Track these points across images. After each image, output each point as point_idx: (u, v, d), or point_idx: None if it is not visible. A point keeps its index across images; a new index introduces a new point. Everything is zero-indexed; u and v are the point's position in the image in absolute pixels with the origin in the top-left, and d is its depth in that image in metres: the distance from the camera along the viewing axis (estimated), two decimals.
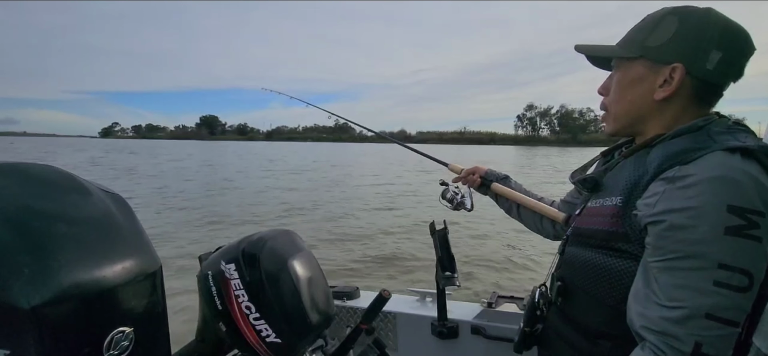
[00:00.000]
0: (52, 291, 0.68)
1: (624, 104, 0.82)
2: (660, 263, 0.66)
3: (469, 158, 34.81)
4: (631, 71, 0.80)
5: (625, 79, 0.81)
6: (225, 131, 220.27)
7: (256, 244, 1.14)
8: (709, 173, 0.64)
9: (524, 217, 1.30)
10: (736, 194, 0.61)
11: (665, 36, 0.76)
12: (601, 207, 0.81)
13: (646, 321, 0.66)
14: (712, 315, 0.61)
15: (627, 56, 0.80)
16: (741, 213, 0.60)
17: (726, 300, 0.61)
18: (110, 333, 0.76)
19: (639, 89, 0.79)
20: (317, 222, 8.62)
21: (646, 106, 0.79)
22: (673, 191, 0.66)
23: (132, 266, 0.83)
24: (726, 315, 0.61)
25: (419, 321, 1.54)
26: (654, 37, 0.77)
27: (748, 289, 0.61)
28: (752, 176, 0.63)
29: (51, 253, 0.72)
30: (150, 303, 0.87)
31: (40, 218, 0.75)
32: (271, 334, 1.08)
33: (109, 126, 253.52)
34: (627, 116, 0.82)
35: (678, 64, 0.75)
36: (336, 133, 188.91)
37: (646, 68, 0.78)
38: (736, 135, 0.71)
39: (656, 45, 0.77)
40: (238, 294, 1.08)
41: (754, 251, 0.61)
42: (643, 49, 0.78)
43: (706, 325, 0.61)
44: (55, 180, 0.85)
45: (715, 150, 0.66)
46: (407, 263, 5.70)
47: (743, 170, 0.63)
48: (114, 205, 0.89)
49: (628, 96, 0.81)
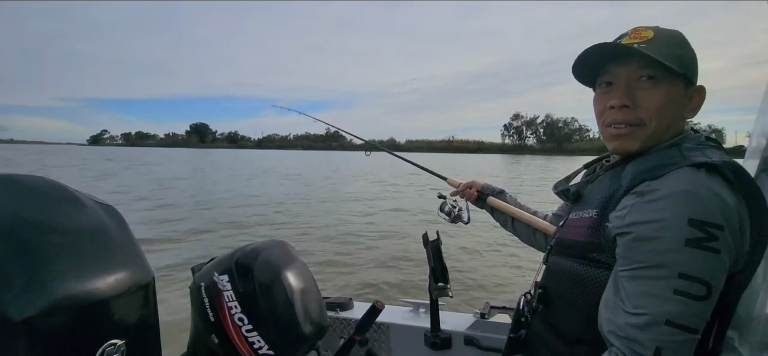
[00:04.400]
0: (44, 302, 0.68)
1: (666, 120, 0.78)
2: (627, 273, 0.69)
3: (455, 166, 34.98)
4: (674, 87, 0.77)
5: (670, 95, 0.77)
6: (215, 139, 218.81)
7: (249, 255, 1.13)
8: (674, 188, 0.67)
9: (518, 230, 1.33)
10: (698, 208, 0.64)
11: (691, 57, 0.78)
12: (580, 219, 0.84)
13: (614, 326, 0.69)
14: (672, 321, 0.64)
15: (676, 70, 0.75)
16: (701, 226, 0.63)
17: (685, 307, 0.63)
18: (102, 346, 0.75)
19: (678, 106, 0.79)
20: (310, 233, 8.58)
21: (677, 125, 0.80)
22: (641, 204, 0.69)
23: (124, 277, 0.82)
24: (685, 321, 0.64)
25: (412, 332, 1.54)
26: (684, 54, 0.77)
27: (706, 298, 0.64)
28: (714, 191, 0.65)
29: (43, 264, 0.71)
30: (142, 315, 0.86)
31: (31, 230, 0.74)
32: (264, 346, 1.07)
33: (98, 133, 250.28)
34: (662, 133, 0.79)
35: (701, 86, 0.79)
36: (327, 141, 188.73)
37: (683, 86, 0.78)
38: (705, 151, 0.73)
39: (689, 64, 0.78)
40: (231, 305, 1.08)
41: (713, 263, 0.64)
42: (684, 66, 0.77)
43: (667, 331, 0.64)
44: (47, 191, 0.84)
45: (682, 166, 0.69)
46: (400, 275, 5.70)
47: (706, 185, 0.66)
48: (107, 216, 0.89)
49: (670, 112, 0.78)
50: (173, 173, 24.78)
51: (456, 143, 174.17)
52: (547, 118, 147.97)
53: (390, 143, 32.28)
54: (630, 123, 0.79)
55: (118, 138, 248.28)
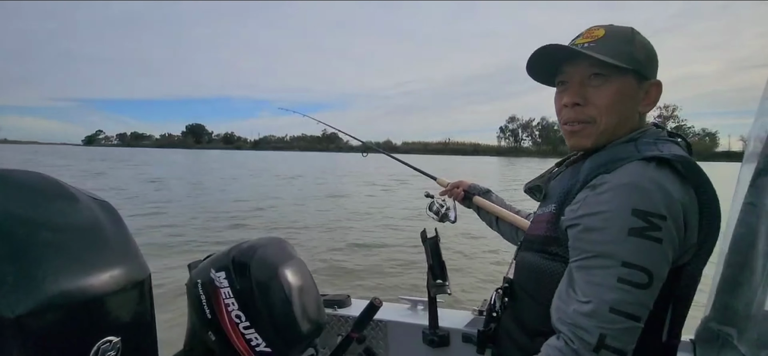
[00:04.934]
0: (37, 299, 0.67)
1: (615, 116, 0.80)
2: (576, 263, 0.71)
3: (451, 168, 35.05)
4: (624, 83, 0.79)
5: (620, 91, 0.79)
6: (211, 140, 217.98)
7: (246, 252, 1.12)
8: (621, 180, 0.69)
9: (502, 229, 1.35)
10: (641, 199, 0.66)
11: (644, 52, 0.79)
12: (542, 214, 0.86)
13: (562, 314, 0.71)
14: (616, 309, 0.65)
15: (624, 67, 0.77)
16: (644, 216, 0.65)
17: (628, 295, 0.65)
18: (97, 343, 0.74)
19: (630, 101, 0.80)
20: (308, 230, 8.56)
21: (631, 119, 0.81)
22: (591, 197, 0.72)
23: (120, 274, 0.81)
24: (628, 309, 0.66)
25: (410, 330, 1.54)
26: (637, 51, 0.79)
27: (648, 286, 0.66)
28: (659, 184, 0.67)
29: (36, 261, 0.70)
30: (138, 312, 0.85)
31: (24, 226, 0.73)
32: (261, 343, 1.06)
33: (93, 134, 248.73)
34: (614, 129, 0.81)
35: (659, 80, 0.81)
36: (323, 143, 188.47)
37: (635, 81, 0.79)
38: (661, 145, 0.75)
39: (641, 59, 0.79)
40: (228, 302, 1.07)
41: (655, 252, 0.66)
42: (634, 62, 0.78)
43: (610, 319, 0.66)
44: (41, 187, 0.82)
45: (633, 160, 0.71)
46: (399, 272, 5.69)
47: (652, 178, 0.68)
48: (102, 212, 0.87)
49: (621, 108, 0.80)
50: (169, 173, 24.68)
51: (452, 145, 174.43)
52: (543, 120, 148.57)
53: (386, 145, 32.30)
54: (581, 120, 0.82)
55: (114, 139, 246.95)
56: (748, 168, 1.21)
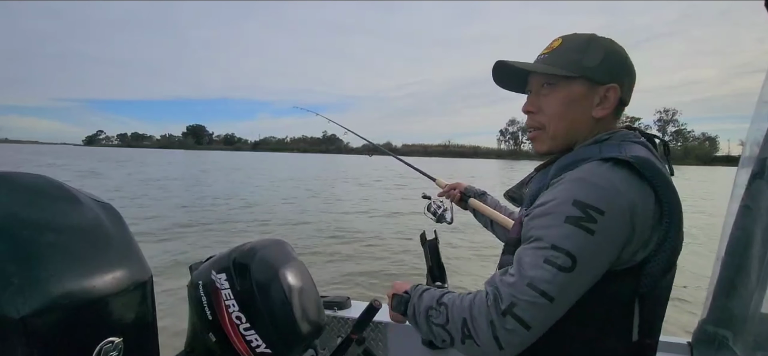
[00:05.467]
0: (41, 300, 0.67)
1: (565, 122, 0.84)
2: (522, 246, 0.76)
3: (451, 171, 35.03)
4: (572, 90, 0.83)
5: (567, 98, 0.83)
6: (212, 141, 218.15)
7: (247, 254, 1.13)
8: (573, 175, 0.74)
9: (496, 231, 1.38)
10: (585, 191, 0.70)
11: (598, 58, 0.82)
12: (517, 217, 0.91)
13: (492, 278, 0.77)
14: (532, 284, 0.69)
15: (569, 75, 0.82)
16: (582, 207, 0.69)
17: (548, 274, 0.69)
18: (99, 344, 0.75)
19: (579, 107, 0.83)
20: (308, 232, 8.57)
21: (585, 123, 0.84)
22: (547, 191, 0.77)
23: (122, 276, 0.82)
24: (542, 287, 0.69)
25: (410, 331, 1.54)
26: (588, 58, 0.82)
27: (570, 270, 0.68)
28: (609, 180, 0.70)
29: (40, 263, 0.71)
30: (140, 313, 0.86)
31: (28, 228, 0.74)
32: (262, 345, 1.07)
33: (94, 134, 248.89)
34: (566, 134, 0.85)
35: (614, 84, 0.82)
36: (323, 144, 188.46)
37: (585, 88, 0.82)
38: (625, 146, 0.77)
39: (592, 66, 0.81)
40: (229, 303, 1.07)
41: (584, 241, 0.68)
42: (582, 69, 0.81)
43: (524, 291, 0.69)
44: (44, 189, 0.83)
45: (594, 160, 0.74)
46: (399, 274, 5.70)
47: (602, 175, 0.71)
48: (104, 214, 0.88)
49: (569, 115, 0.84)
50: (169, 174, 24.69)
51: (452, 148, 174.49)
52: None
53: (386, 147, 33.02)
54: (535, 127, 0.89)
55: (114, 139, 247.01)
56: (744, 172, 1.22)
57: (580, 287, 0.70)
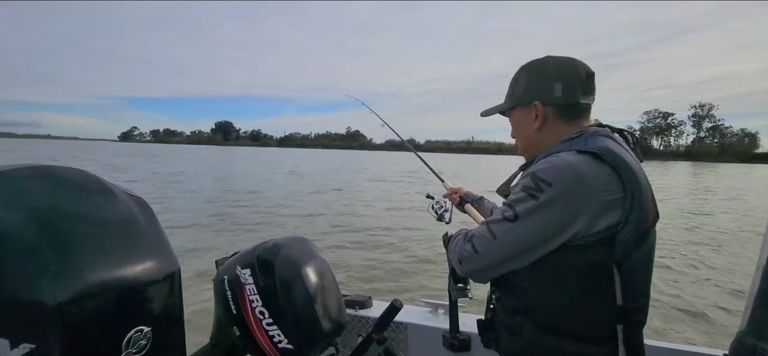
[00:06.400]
0: (77, 288, 0.70)
1: (521, 139, 1.09)
2: None
3: (473, 168, 34.55)
4: (515, 117, 1.09)
5: (514, 123, 1.10)
6: (239, 137, 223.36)
7: (270, 250, 1.15)
8: (540, 160, 0.93)
9: None
10: (543, 170, 0.87)
11: (522, 85, 1.04)
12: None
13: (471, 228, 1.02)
14: (487, 224, 0.93)
15: (507, 108, 1.09)
16: (535, 180, 0.87)
17: (497, 220, 0.91)
18: (129, 332, 0.77)
19: (524, 126, 1.06)
20: (331, 230, 8.65)
21: (532, 136, 1.04)
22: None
23: (152, 267, 0.85)
24: (492, 227, 0.92)
25: (431, 333, 1.53)
26: (517, 88, 1.06)
27: (513, 221, 0.88)
28: (566, 161, 0.86)
29: (76, 252, 0.74)
30: (168, 304, 0.88)
31: (66, 219, 0.78)
32: (284, 340, 1.08)
33: (129, 130, 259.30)
34: (526, 146, 1.08)
35: (536, 101, 1.01)
36: (347, 140, 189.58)
37: (522, 111, 1.05)
38: (590, 140, 0.91)
39: (519, 94, 1.05)
40: (253, 299, 1.09)
41: (529, 205, 0.86)
42: (514, 99, 1.06)
43: (481, 228, 0.94)
44: (82, 182, 0.87)
45: (562, 151, 0.91)
46: (420, 274, 5.68)
47: (563, 158, 0.88)
48: (137, 208, 0.92)
49: (521, 134, 1.09)
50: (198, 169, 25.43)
51: (475, 145, 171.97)
52: None
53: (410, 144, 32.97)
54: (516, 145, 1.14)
55: (147, 135, 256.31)
56: None
57: (522, 237, 0.87)
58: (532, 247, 0.88)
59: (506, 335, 1.00)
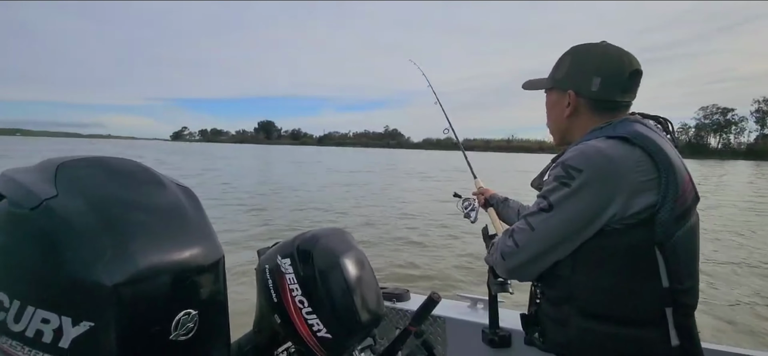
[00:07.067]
0: (130, 271, 0.74)
1: (551, 123, 1.10)
2: None
3: (510, 167, 33.57)
4: (550, 99, 1.09)
5: (548, 105, 1.09)
6: (280, 136, 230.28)
7: (309, 241, 1.17)
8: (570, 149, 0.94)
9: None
10: (572, 157, 0.89)
11: (563, 70, 1.03)
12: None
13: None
14: (525, 218, 0.95)
15: (546, 87, 1.09)
16: (565, 168, 0.89)
17: (534, 209, 0.93)
18: (178, 314, 0.81)
19: (556, 110, 1.06)
20: (369, 223, 8.73)
21: (561, 122, 1.04)
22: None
23: (198, 254, 0.88)
24: (529, 219, 0.93)
25: (470, 328, 1.51)
26: (559, 71, 1.04)
27: (548, 211, 0.90)
28: (596, 147, 0.87)
29: (130, 237, 0.79)
30: (213, 290, 0.92)
31: (121, 206, 0.83)
32: (322, 329, 1.10)
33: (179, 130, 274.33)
34: (555, 130, 1.09)
35: (570, 90, 1.00)
36: (385, 139, 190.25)
37: (557, 95, 1.05)
38: (619, 127, 0.91)
39: (559, 78, 1.03)
40: (293, 288, 1.12)
41: (561, 192, 0.88)
42: (553, 82, 1.05)
43: (521, 222, 0.96)
44: (135, 173, 0.93)
45: (591, 139, 0.92)
46: (459, 270, 5.61)
47: (592, 145, 0.89)
48: (185, 197, 0.96)
49: (552, 116, 1.09)
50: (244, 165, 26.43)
51: (515, 143, 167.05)
52: None
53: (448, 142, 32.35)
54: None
55: (196, 134, 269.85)
56: None
57: (559, 225, 0.89)
58: (570, 234, 0.88)
59: (552, 326, 0.99)
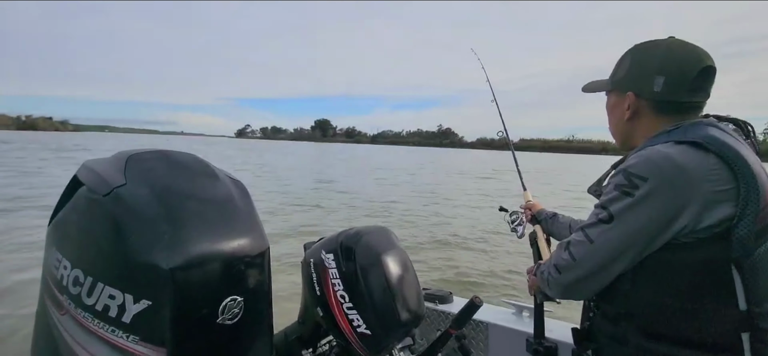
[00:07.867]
0: (185, 257, 0.80)
1: (612, 126, 1.04)
2: None
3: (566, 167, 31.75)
4: (610, 101, 1.03)
5: (608, 107, 1.04)
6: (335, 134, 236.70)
7: (352, 237, 1.19)
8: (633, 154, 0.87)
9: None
10: (635, 164, 0.82)
11: (623, 71, 0.97)
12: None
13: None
14: (583, 229, 0.89)
15: (607, 89, 1.03)
16: (628, 177, 0.82)
17: (593, 220, 0.88)
18: (225, 300, 0.86)
19: (616, 113, 1.01)
20: (414, 223, 8.72)
21: (621, 125, 0.99)
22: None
23: (246, 244, 0.93)
24: (587, 231, 0.87)
25: (513, 336, 1.45)
26: (619, 71, 0.99)
27: (607, 222, 0.84)
28: (663, 153, 0.81)
29: (185, 225, 0.85)
30: (259, 279, 0.96)
31: (178, 196, 0.89)
32: (362, 325, 1.12)
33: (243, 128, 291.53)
34: (616, 134, 1.03)
35: (630, 92, 0.95)
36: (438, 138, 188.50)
37: (617, 97, 1.00)
38: (689, 130, 0.84)
39: (619, 79, 0.98)
40: (335, 282, 1.14)
41: (623, 202, 0.82)
42: (613, 83, 1.00)
43: (578, 233, 0.90)
44: (192, 165, 1.00)
45: (657, 144, 0.85)
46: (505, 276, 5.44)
47: (658, 150, 0.82)
48: (236, 190, 1.02)
49: (612, 119, 1.03)
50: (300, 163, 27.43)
51: (576, 144, 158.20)
52: None
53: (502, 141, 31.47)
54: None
55: (258, 132, 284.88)
56: None
57: (620, 238, 0.82)
58: (633, 248, 0.81)
59: (608, 343, 0.93)
